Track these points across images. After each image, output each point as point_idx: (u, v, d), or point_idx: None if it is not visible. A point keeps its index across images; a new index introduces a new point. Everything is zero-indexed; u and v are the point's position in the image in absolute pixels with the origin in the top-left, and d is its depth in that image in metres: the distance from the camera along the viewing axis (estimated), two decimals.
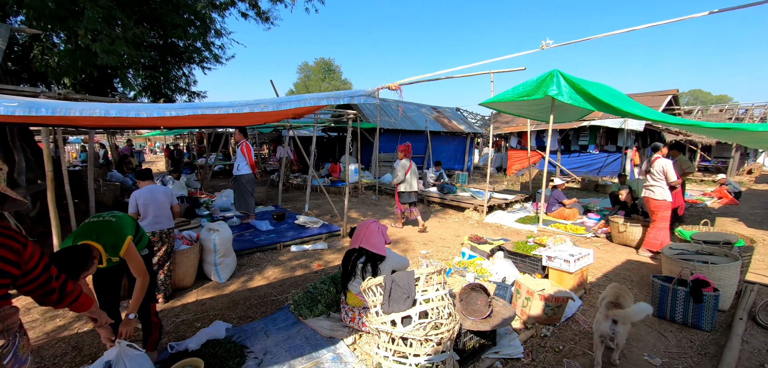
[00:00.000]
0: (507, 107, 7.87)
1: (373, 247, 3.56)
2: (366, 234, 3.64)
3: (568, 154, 14.80)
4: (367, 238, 3.60)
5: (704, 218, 5.69)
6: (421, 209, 9.70)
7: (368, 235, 3.61)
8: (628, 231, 6.04)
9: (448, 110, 18.06)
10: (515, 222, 7.93)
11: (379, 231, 3.66)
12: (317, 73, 54.02)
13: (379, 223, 3.79)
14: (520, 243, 5.05)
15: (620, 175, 9.00)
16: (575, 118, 9.40)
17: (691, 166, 7.20)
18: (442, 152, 16.06)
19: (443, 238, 7.03)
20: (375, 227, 3.72)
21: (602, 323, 2.86)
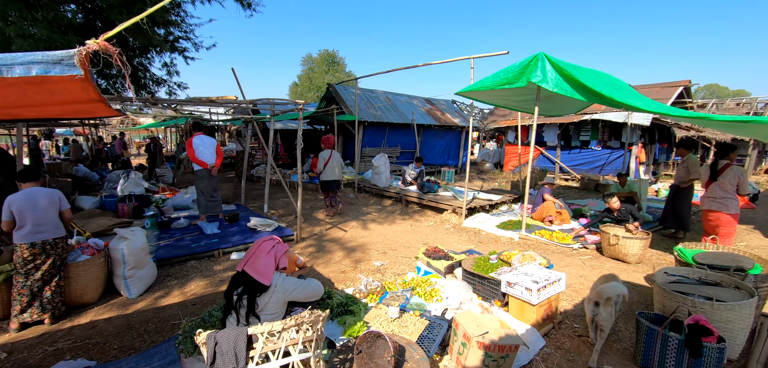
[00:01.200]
0: (487, 97, 6.92)
1: (257, 273, 2.71)
2: (255, 253, 2.80)
3: (568, 149, 13.74)
4: (253, 260, 2.75)
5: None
6: (399, 209, 8.84)
7: (256, 256, 2.77)
8: (620, 243, 5.08)
9: (442, 103, 17.06)
10: (497, 227, 7.00)
11: (272, 251, 2.80)
12: (321, 65, 53.18)
13: (277, 241, 2.93)
14: (482, 259, 4.14)
15: (620, 174, 7.99)
16: (574, 111, 8.42)
17: (699, 171, 6.19)
18: (433, 147, 15.11)
19: (408, 245, 6.15)
20: (268, 245, 2.87)
21: (587, 306, 3.12)
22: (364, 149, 13.08)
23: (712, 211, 5.08)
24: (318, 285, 3.02)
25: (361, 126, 12.66)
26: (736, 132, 8.34)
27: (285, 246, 2.96)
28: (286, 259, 2.89)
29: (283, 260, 2.85)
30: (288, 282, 2.79)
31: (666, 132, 14.24)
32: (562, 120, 13.32)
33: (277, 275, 2.80)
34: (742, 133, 8.06)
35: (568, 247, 5.85)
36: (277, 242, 2.95)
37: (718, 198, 5.00)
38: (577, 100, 7.55)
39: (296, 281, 2.86)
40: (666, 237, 6.82)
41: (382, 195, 9.96)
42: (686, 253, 3.77)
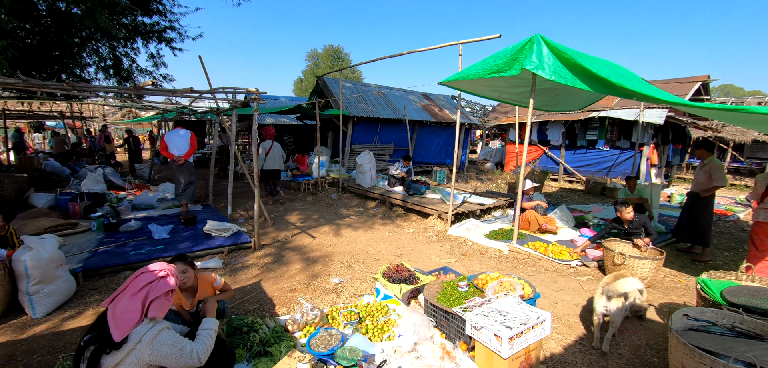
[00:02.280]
0: (477, 88, 6.06)
1: (112, 319, 1.94)
2: (123, 290, 2.03)
3: (573, 149, 12.77)
4: (118, 300, 1.98)
5: (735, 238, 3.82)
6: (382, 212, 8.01)
7: (122, 295, 1.99)
8: (627, 263, 4.20)
9: (441, 98, 16.16)
10: (485, 236, 6.15)
11: (142, 292, 2.02)
12: (326, 61, 52.54)
13: (159, 276, 2.14)
14: (451, 285, 3.30)
15: (629, 178, 7.07)
16: (579, 107, 7.52)
17: (723, 178, 5.28)
18: (430, 145, 14.24)
19: (380, 257, 5.34)
20: (142, 281, 2.09)
21: (597, 301, 3.07)
22: (354, 146, 12.27)
23: (759, 222, 4.32)
24: (204, 347, 2.20)
25: (349, 121, 11.86)
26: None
27: (169, 284, 2.15)
28: (162, 304, 2.08)
29: (156, 306, 2.05)
30: (160, 340, 1.99)
31: (681, 132, 13.19)
32: (566, 117, 12.35)
33: (144, 326, 2.00)
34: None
35: (564, 264, 4.98)
36: (156, 278, 2.15)
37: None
38: (580, 93, 6.67)
39: (173, 341, 2.05)
40: (681, 252, 5.91)
41: (366, 197, 9.15)
42: (712, 287, 2.90)
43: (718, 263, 5.51)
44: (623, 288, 3.10)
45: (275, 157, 8.30)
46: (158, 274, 2.16)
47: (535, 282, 4.38)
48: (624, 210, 5.00)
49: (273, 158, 8.25)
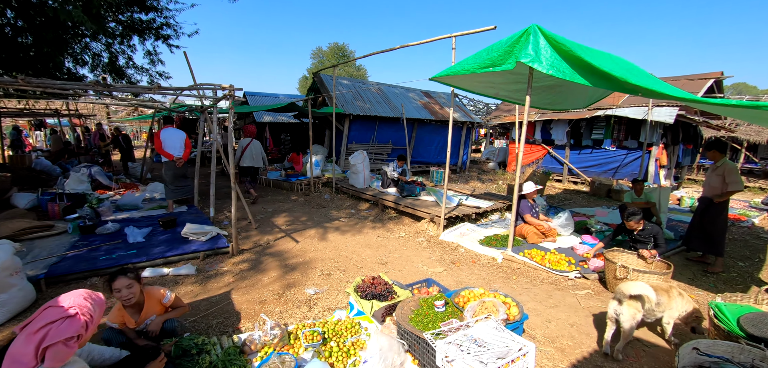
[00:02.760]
0: (470, 84, 5.67)
1: (8, 358, 1.62)
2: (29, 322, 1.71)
3: (578, 149, 12.28)
4: (19, 336, 1.67)
5: (750, 246, 3.42)
6: (374, 215, 7.66)
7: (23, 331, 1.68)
8: (631, 278, 3.80)
9: (442, 96, 15.74)
10: (479, 242, 5.77)
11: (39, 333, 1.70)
12: (331, 59, 52.25)
13: (69, 314, 1.81)
14: (427, 304, 2.93)
15: (636, 180, 6.62)
16: (584, 105, 7.09)
17: (739, 182, 4.85)
18: (430, 144, 13.85)
19: (363, 265, 4.99)
20: (46, 315, 1.77)
21: (611, 303, 3.02)
22: (351, 145, 11.93)
23: None
24: None
25: (345, 119, 11.52)
26: None
27: (74, 327, 1.81)
28: (60, 353, 1.74)
29: (52, 354, 1.70)
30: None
31: (692, 131, 12.63)
32: (571, 115, 11.87)
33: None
34: None
35: (562, 275, 4.58)
36: (61, 318, 1.81)
37: None
38: (584, 90, 6.25)
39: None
40: (691, 262, 5.47)
41: (358, 198, 8.80)
42: (727, 313, 2.49)
43: (732, 275, 5.06)
44: (635, 290, 2.86)
45: (253, 155, 8.29)
46: (66, 312, 1.82)
47: (527, 298, 4.00)
48: (632, 222, 4.60)
49: (250, 156, 8.24)
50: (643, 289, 2.86)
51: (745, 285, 4.71)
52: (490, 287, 4.25)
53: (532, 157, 13.63)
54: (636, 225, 4.59)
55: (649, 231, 4.52)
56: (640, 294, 2.86)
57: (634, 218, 4.60)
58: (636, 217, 4.60)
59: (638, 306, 2.86)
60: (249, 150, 8.24)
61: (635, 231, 4.64)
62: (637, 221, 4.60)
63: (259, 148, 8.44)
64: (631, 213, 4.64)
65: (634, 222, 4.59)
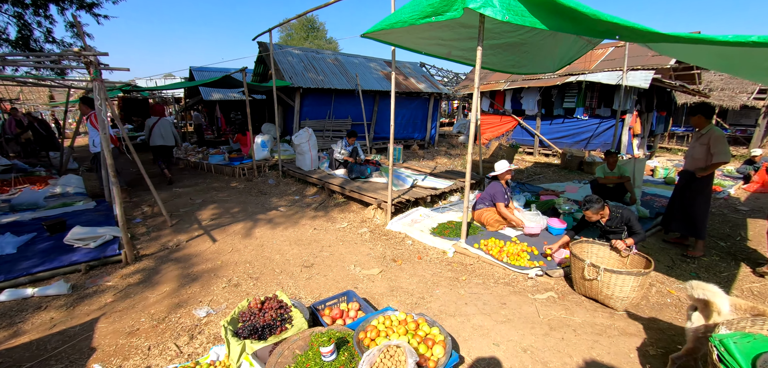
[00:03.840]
0: (413, 40, 4.66)
1: None
2: None
3: (549, 119, 11.55)
4: None
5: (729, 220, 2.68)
6: (319, 201, 6.69)
7: None
8: (601, 280, 2.99)
9: (408, 66, 14.63)
10: (432, 232, 4.91)
11: None
12: (300, 32, 49.72)
13: None
14: (313, 347, 2.01)
15: (608, 153, 5.88)
16: (554, 67, 6.24)
17: (726, 152, 4.10)
18: (396, 117, 12.82)
19: (282, 270, 4.06)
20: None
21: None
22: (304, 122, 10.78)
23: None
24: None
25: (296, 93, 10.33)
26: None
27: None
28: None
29: None
30: None
31: (666, 98, 12.09)
32: (542, 82, 11.06)
33: None
34: None
35: (521, 273, 3.76)
36: None
37: None
38: (551, 46, 5.35)
39: None
40: (668, 244, 4.78)
41: (306, 182, 7.78)
42: (736, 352, 1.67)
43: (714, 258, 4.39)
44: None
45: (162, 133, 7.93)
46: None
47: (474, 309, 3.16)
48: (592, 213, 3.75)
49: (160, 134, 7.88)
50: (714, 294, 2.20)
51: (729, 271, 4.04)
52: (423, 303, 3.38)
53: (502, 129, 12.85)
54: (595, 215, 3.75)
55: (619, 218, 3.71)
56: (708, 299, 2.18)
57: (592, 207, 3.73)
58: (594, 206, 3.72)
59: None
60: (157, 128, 7.85)
61: (602, 220, 3.82)
62: (595, 210, 3.72)
63: (168, 124, 8.12)
64: (588, 202, 3.77)
65: (592, 213, 3.73)
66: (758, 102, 12.74)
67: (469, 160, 4.12)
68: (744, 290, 3.67)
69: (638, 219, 5.10)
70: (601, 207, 3.68)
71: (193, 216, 5.99)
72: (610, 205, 3.78)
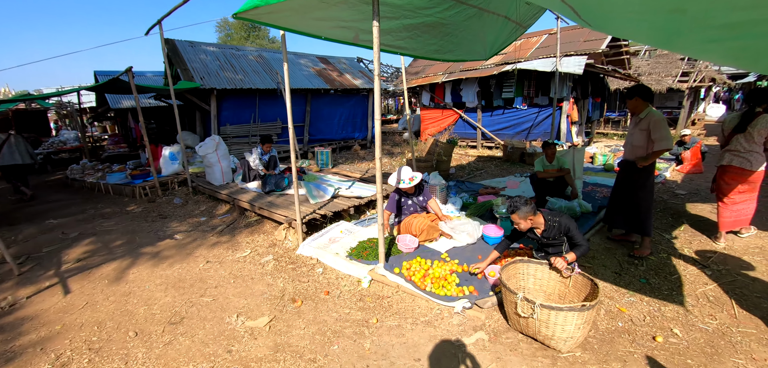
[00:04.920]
0: (301, 21, 3.73)
1: None
2: None
3: (490, 111, 11.18)
4: None
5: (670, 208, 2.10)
6: (228, 222, 5.61)
7: None
8: (538, 318, 2.28)
9: (343, 61, 13.72)
10: (350, 253, 4.06)
11: None
12: (240, 31, 47.00)
13: None
14: None
15: (546, 144, 5.38)
16: (486, 53, 5.61)
17: (668, 137, 3.61)
18: (330, 117, 11.89)
19: (141, 329, 3.00)
20: None
21: None
22: (224, 128, 9.54)
23: (731, 167, 4.06)
24: None
25: (210, 96, 9.06)
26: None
27: None
28: None
29: None
30: None
31: (599, 84, 12.18)
32: (479, 73, 10.64)
33: None
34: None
35: (447, 306, 3.00)
36: None
37: (744, 152, 3.96)
38: (477, 29, 4.72)
39: None
40: (613, 242, 4.30)
41: (216, 199, 6.64)
42: None
43: (662, 255, 3.94)
44: None
45: (12, 150, 7.04)
46: None
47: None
48: (520, 220, 3.06)
49: (9, 153, 7.00)
50: None
51: (680, 271, 3.57)
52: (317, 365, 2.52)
53: (445, 123, 12.35)
54: (523, 221, 3.02)
55: (557, 227, 3.06)
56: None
57: (519, 212, 3.01)
58: (521, 211, 2.99)
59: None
60: (7, 146, 6.94)
61: (537, 231, 3.15)
62: (524, 215, 2.99)
63: (21, 141, 7.23)
64: (514, 207, 3.05)
65: (520, 219, 3.01)
66: (682, 84, 13.27)
67: (378, 166, 3.30)
68: (697, 295, 3.18)
69: (579, 224, 4.61)
70: (530, 210, 2.99)
71: (57, 258, 4.70)
72: (545, 213, 3.11)
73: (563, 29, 11.06)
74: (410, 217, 4.26)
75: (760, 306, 3.02)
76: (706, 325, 2.79)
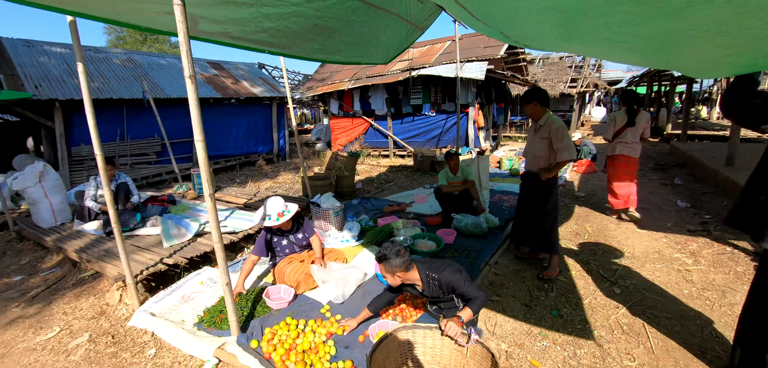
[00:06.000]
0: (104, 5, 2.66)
1: None
2: None
3: (400, 118, 10.78)
4: None
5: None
6: (55, 279, 4.12)
7: None
8: None
9: (239, 67, 12.29)
10: (201, 317, 3.01)
11: None
12: (133, 34, 41.50)
13: None
14: None
15: (449, 155, 4.90)
16: (385, 56, 5.00)
17: (571, 146, 3.25)
18: (227, 130, 10.43)
19: None
20: None
21: None
22: (79, 149, 7.65)
23: (621, 155, 4.81)
24: None
25: (53, 110, 7.16)
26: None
27: None
28: None
29: None
30: None
31: (502, 89, 12.55)
32: (386, 79, 10.15)
33: None
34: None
35: None
36: None
37: (630, 143, 4.74)
38: (372, 31, 4.03)
39: None
40: (522, 262, 3.87)
41: (44, 247, 5.00)
42: None
43: (572, 273, 3.59)
44: None
45: None
46: None
47: None
48: (388, 274, 2.33)
49: None
50: None
51: (589, 293, 3.20)
52: None
53: (355, 133, 11.67)
54: (392, 277, 2.31)
55: (438, 285, 2.36)
56: None
57: (387, 266, 2.28)
58: (389, 264, 2.27)
59: None
60: None
61: (418, 286, 2.44)
62: (392, 270, 2.27)
63: None
64: (380, 259, 2.32)
65: (387, 272, 2.30)
66: (572, 89, 14.36)
67: (210, 208, 2.34)
68: (611, 325, 2.79)
69: (486, 242, 4.12)
70: (401, 264, 2.26)
71: None
72: (422, 267, 2.40)
73: (465, 36, 11.13)
74: (284, 262, 3.35)
75: (671, 329, 2.71)
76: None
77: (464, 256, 3.88)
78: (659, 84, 15.96)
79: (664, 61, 2.61)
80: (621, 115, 4.74)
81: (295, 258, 3.41)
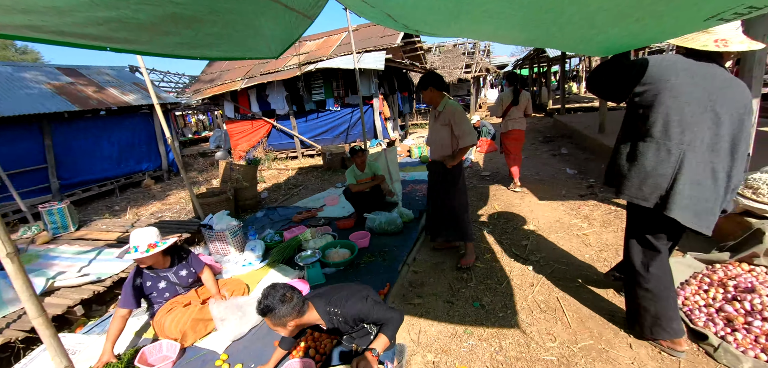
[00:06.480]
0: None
1: None
2: None
3: (304, 116, 10.18)
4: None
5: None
6: None
7: None
8: None
9: (103, 72, 10.38)
10: None
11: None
12: None
13: None
14: None
15: (354, 152, 4.60)
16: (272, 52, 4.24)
17: (471, 131, 3.18)
18: (92, 150, 8.70)
19: None
20: None
21: None
22: None
23: (514, 130, 5.40)
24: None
25: None
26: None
27: None
28: None
29: None
30: None
31: (403, 78, 12.69)
32: (283, 75, 9.46)
33: None
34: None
35: None
36: None
37: (518, 118, 5.37)
38: (249, 23, 3.42)
39: None
40: (440, 254, 3.75)
41: None
42: None
43: (487, 257, 3.56)
44: None
45: None
46: None
47: None
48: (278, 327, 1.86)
49: None
50: None
51: (506, 276, 3.18)
52: None
53: (257, 136, 10.74)
54: (284, 329, 1.87)
55: (343, 320, 1.99)
56: None
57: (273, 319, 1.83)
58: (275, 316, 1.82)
59: None
60: None
61: (321, 325, 2.05)
62: (282, 321, 1.84)
63: None
64: (264, 312, 1.84)
65: (277, 325, 1.85)
66: (467, 75, 15.21)
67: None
68: (530, 306, 2.76)
69: (403, 237, 3.90)
70: (289, 311, 1.82)
71: None
72: (320, 304, 1.99)
73: (361, 26, 10.93)
74: (163, 310, 2.68)
75: (582, 297, 2.78)
76: (550, 354, 2.29)
77: (381, 259, 3.62)
78: (538, 65, 17.83)
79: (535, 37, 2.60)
80: (507, 95, 5.38)
81: (178, 302, 2.76)
